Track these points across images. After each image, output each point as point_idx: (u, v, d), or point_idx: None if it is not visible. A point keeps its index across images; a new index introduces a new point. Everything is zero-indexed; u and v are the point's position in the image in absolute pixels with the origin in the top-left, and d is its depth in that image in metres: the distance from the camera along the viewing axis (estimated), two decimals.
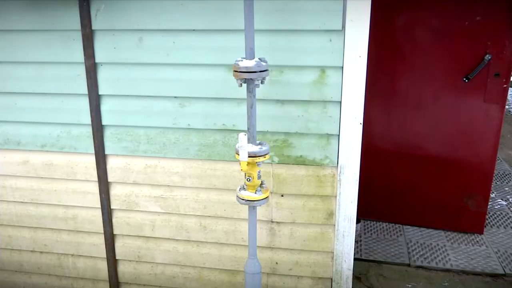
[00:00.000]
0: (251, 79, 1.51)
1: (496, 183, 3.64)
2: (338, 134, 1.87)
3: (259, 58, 1.53)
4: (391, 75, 2.78)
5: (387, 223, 3.06)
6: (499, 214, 3.15)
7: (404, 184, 2.93)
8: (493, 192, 3.45)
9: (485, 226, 2.97)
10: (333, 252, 2.05)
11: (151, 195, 2.15)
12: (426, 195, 2.92)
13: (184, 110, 1.97)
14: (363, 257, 2.68)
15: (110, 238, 2.24)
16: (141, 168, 2.11)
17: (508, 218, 3.10)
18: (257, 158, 1.57)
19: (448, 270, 2.57)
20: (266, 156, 1.60)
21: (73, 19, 1.90)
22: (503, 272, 2.52)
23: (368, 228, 3.01)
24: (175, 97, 1.95)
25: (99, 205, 2.20)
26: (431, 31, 2.64)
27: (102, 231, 2.24)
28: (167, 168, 2.09)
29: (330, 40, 1.76)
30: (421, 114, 2.78)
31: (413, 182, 2.91)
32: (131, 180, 2.14)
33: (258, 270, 1.78)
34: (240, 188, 1.67)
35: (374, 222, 3.07)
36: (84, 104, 2.04)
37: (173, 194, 2.13)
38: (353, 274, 2.09)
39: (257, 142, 1.63)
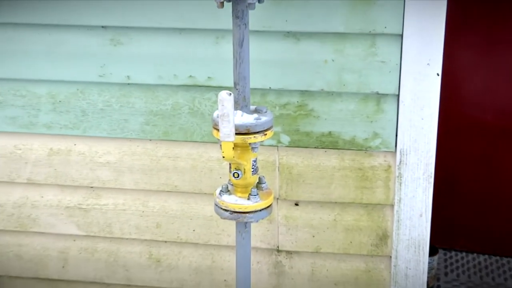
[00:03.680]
0: None
1: None
2: (397, 93, 1.95)
3: None
4: None
5: (487, 256, 3.13)
6: None
7: None
8: None
9: None
10: None
11: (60, 204, 2.23)
12: None
13: (120, 50, 2.03)
14: None
15: None
16: (43, 155, 2.19)
17: None
18: (252, 136, 1.62)
19: None
20: (268, 133, 1.65)
21: None
22: None
23: (452, 264, 3.08)
24: (102, 26, 2.01)
25: None
26: None
27: None
28: (90, 155, 2.17)
29: None
30: None
31: None
32: (23, 178, 2.22)
33: None
34: (221, 191, 1.73)
35: (464, 254, 3.15)
36: None
37: (101, 203, 2.22)
38: None
39: (252, 108, 1.69)
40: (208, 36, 1.97)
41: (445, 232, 3.06)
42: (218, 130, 1.57)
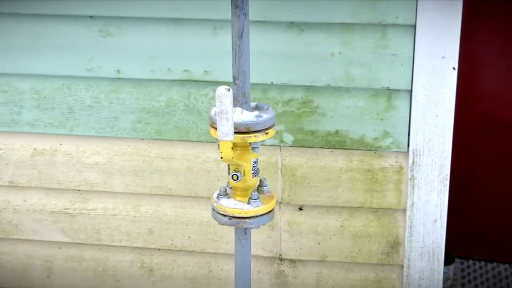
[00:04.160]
0: None
1: None
2: (409, 89, 1.96)
3: None
4: None
5: (507, 265, 3.13)
6: None
7: None
8: None
9: None
10: None
11: (45, 208, 2.24)
12: None
13: (110, 42, 2.04)
14: None
15: None
16: (26, 155, 2.20)
17: None
18: (252, 135, 1.62)
19: None
20: (269, 131, 1.65)
21: None
22: None
23: (469, 274, 3.08)
24: (90, 16, 2.02)
25: None
26: None
27: None
28: (77, 155, 2.18)
29: None
30: None
31: None
32: (5, 180, 2.23)
33: None
34: (219, 194, 1.74)
35: (482, 263, 3.15)
36: None
37: (88, 207, 2.23)
38: None
39: (253, 104, 1.69)
40: (205, 27, 1.97)
41: (462, 239, 3.06)
42: (215, 128, 1.57)
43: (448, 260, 2.70)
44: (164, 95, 2.06)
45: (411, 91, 1.95)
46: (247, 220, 1.68)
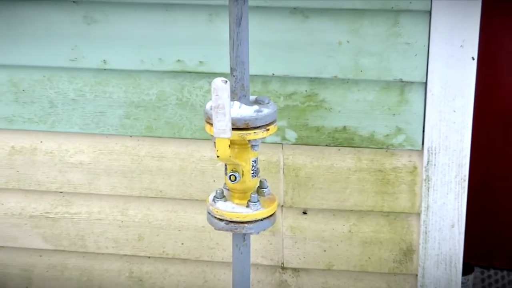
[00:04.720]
0: None
1: None
2: (424, 81, 1.96)
3: None
4: None
5: None
6: None
7: None
8: None
9: None
10: None
11: (24, 212, 2.25)
12: None
13: (95, 29, 2.04)
14: None
15: None
16: (3, 154, 2.20)
17: None
18: (252, 132, 1.63)
19: None
20: (270, 128, 1.66)
21: None
22: None
23: (491, 284, 3.08)
24: (74, 1, 2.01)
25: None
26: None
27: None
28: (59, 154, 2.18)
29: None
30: None
31: None
32: None
33: None
34: (215, 197, 1.74)
35: (505, 273, 3.15)
36: None
37: (72, 211, 2.23)
38: None
39: (252, 98, 1.70)
40: (200, 13, 1.97)
41: (482, 246, 3.07)
42: (211, 124, 1.58)
43: (466, 269, 2.71)
44: (154, 87, 2.07)
45: (426, 83, 1.96)
46: (246, 225, 1.69)
